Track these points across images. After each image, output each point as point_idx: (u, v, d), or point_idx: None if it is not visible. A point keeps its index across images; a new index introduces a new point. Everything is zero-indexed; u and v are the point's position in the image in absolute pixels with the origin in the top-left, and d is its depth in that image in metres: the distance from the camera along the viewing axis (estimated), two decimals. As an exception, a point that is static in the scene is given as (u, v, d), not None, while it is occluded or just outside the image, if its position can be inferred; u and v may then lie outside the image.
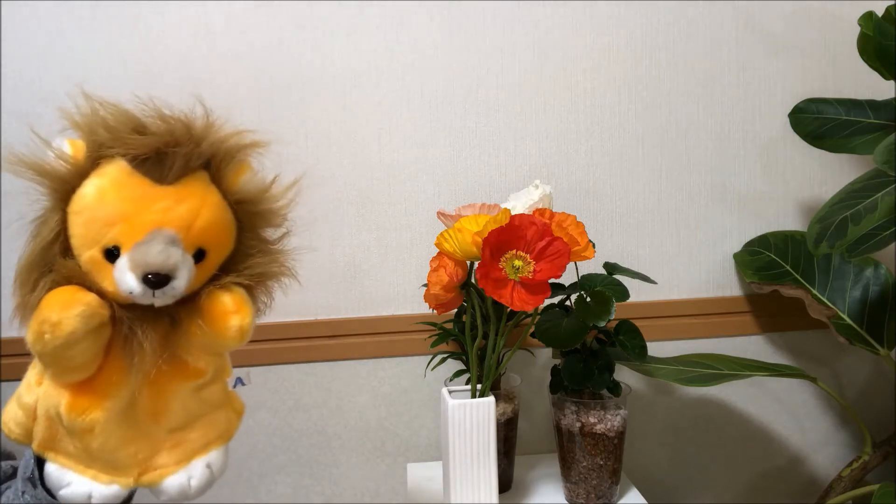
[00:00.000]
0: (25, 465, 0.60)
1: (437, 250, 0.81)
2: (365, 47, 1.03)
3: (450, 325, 0.96)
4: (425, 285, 0.82)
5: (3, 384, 1.01)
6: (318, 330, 1.06)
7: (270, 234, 0.59)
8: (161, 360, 0.54)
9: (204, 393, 0.59)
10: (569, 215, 0.78)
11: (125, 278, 0.50)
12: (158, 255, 0.49)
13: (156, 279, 0.49)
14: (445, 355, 0.97)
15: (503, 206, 0.84)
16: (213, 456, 0.59)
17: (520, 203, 0.86)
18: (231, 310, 0.53)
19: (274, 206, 0.58)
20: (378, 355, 1.07)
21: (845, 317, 1.02)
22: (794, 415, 1.16)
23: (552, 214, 0.79)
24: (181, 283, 0.51)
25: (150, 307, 0.52)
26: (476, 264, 0.78)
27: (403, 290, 1.07)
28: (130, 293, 0.50)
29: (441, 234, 0.79)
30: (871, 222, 0.79)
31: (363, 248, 1.06)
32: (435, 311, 0.84)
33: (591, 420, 0.89)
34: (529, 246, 0.74)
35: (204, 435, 0.59)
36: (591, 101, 1.07)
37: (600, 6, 1.06)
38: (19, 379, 1.05)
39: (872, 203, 0.80)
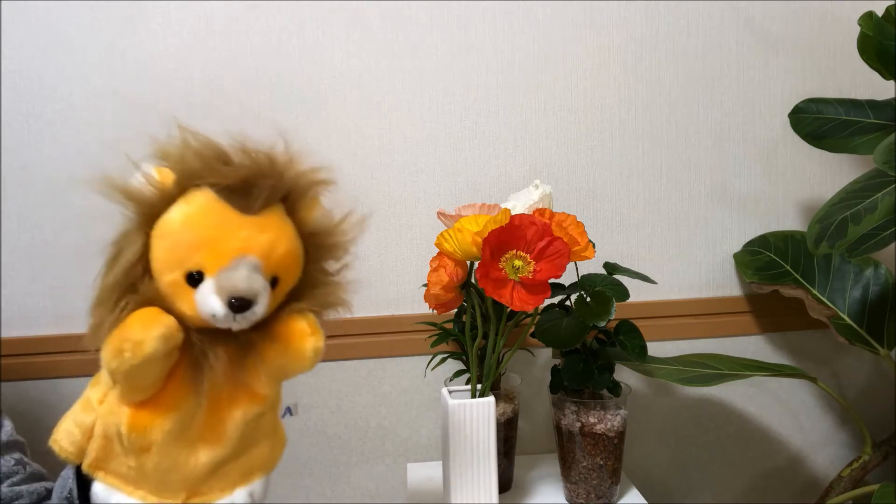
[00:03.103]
0: (62, 484, 0.61)
1: (437, 250, 0.81)
2: (365, 47, 1.03)
3: (450, 325, 0.96)
4: (425, 285, 0.82)
5: (3, 384, 1.01)
6: (318, 330, 1.06)
7: (331, 266, 0.62)
8: (227, 382, 0.55)
9: (260, 421, 0.60)
10: (569, 215, 0.78)
11: (209, 301, 0.51)
12: (244, 280, 0.51)
13: (239, 304, 0.51)
14: (445, 355, 0.97)
15: (503, 206, 0.84)
16: (256, 485, 0.61)
17: (520, 203, 0.86)
18: (308, 332, 0.56)
19: (341, 240, 0.61)
20: (378, 355, 1.07)
21: (845, 317, 1.02)
22: (794, 415, 1.16)
23: (552, 214, 0.79)
24: (261, 309, 0.53)
25: (221, 331, 0.54)
26: (476, 264, 0.78)
27: (403, 290, 1.07)
28: (213, 316, 0.52)
29: (441, 234, 0.79)
30: (872, 222, 0.79)
31: (363, 248, 1.06)
32: (435, 311, 0.84)
33: (591, 420, 0.89)
34: (529, 246, 0.74)
35: (250, 463, 0.60)
36: (591, 101, 1.07)
37: (600, 6, 1.06)
38: (19, 379, 1.05)
39: (872, 203, 0.80)
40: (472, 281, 0.83)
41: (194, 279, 0.52)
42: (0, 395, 0.98)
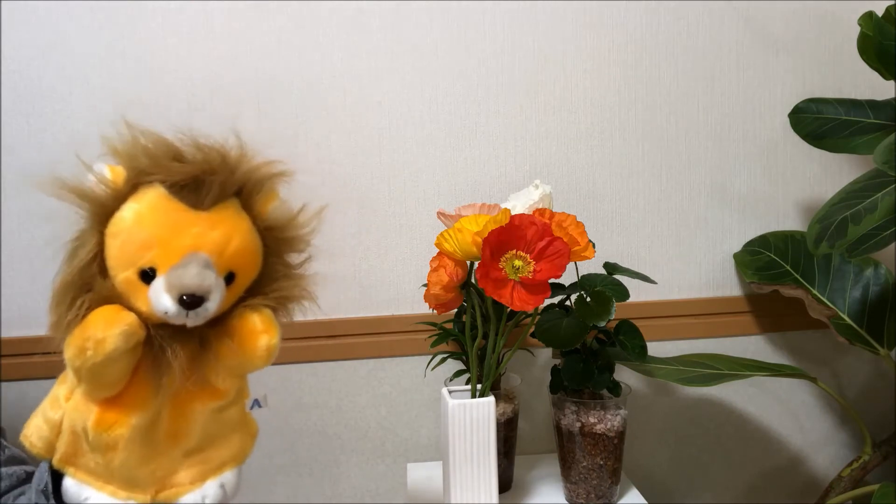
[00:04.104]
0: (39, 477, 0.62)
1: (437, 250, 0.81)
2: (365, 47, 1.03)
3: (450, 325, 0.96)
4: (425, 285, 0.82)
5: (3, 384, 1.01)
6: (318, 330, 1.06)
7: (293, 258, 0.62)
8: (187, 378, 0.56)
9: (224, 415, 0.60)
10: (569, 215, 0.78)
11: (161, 299, 0.52)
12: (194, 277, 0.52)
13: (191, 300, 0.52)
14: (445, 355, 0.97)
15: (503, 206, 0.84)
16: (227, 476, 0.61)
17: (520, 203, 0.86)
18: (260, 329, 0.56)
19: (299, 233, 0.61)
20: (378, 355, 1.07)
21: (845, 317, 1.02)
22: (794, 415, 1.16)
23: (552, 214, 0.79)
24: (213, 305, 0.53)
25: (180, 328, 0.54)
26: (476, 264, 0.78)
27: (403, 290, 1.07)
28: (165, 313, 0.52)
29: (441, 234, 0.79)
30: (872, 222, 0.79)
31: (363, 248, 1.06)
32: (435, 311, 0.84)
33: (591, 420, 0.89)
34: (529, 246, 0.74)
35: (219, 456, 0.61)
36: (591, 101, 1.07)
37: (600, 6, 1.06)
38: (19, 379, 1.05)
39: (872, 203, 0.80)
40: (472, 281, 0.83)
41: (148, 276, 0.53)
42: (0, 394, 0.99)
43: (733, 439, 1.16)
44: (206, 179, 0.54)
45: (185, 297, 0.51)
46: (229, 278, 0.55)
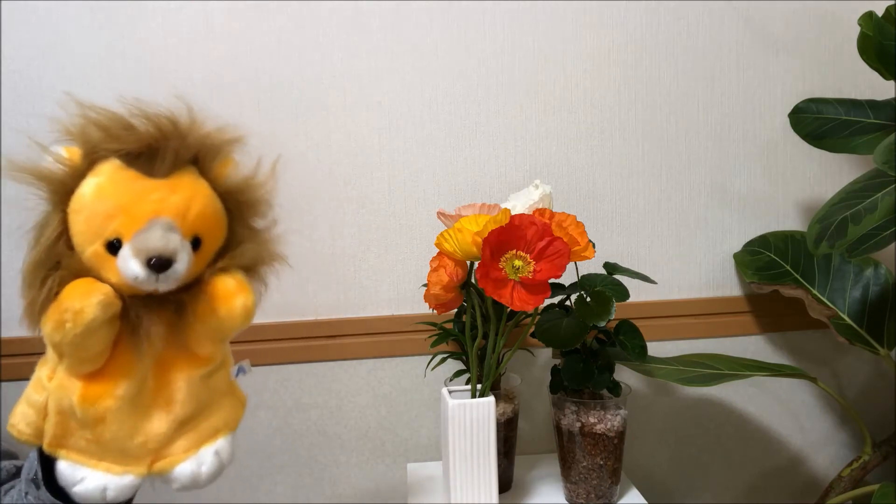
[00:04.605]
0: (29, 466, 0.62)
1: (437, 250, 0.81)
2: (365, 47, 1.03)
3: (450, 325, 0.96)
4: (425, 285, 0.82)
5: (3, 384, 1.01)
6: (318, 330, 1.06)
7: (259, 223, 0.62)
8: (168, 346, 0.56)
9: (211, 381, 0.61)
10: (569, 215, 0.78)
11: (129, 265, 0.52)
12: (159, 240, 0.52)
13: (158, 263, 0.52)
14: (445, 355, 0.97)
15: (503, 206, 0.84)
16: (221, 444, 0.61)
17: (520, 203, 0.86)
18: (234, 290, 0.56)
19: (259, 194, 0.61)
20: (378, 355, 1.07)
21: (845, 317, 1.02)
22: (794, 415, 1.16)
23: (552, 214, 0.79)
24: (182, 267, 0.53)
25: (155, 296, 0.55)
26: (476, 264, 0.78)
27: (403, 290, 1.08)
28: (135, 278, 0.52)
29: (441, 234, 0.79)
30: (872, 222, 0.79)
31: (363, 248, 1.06)
32: (435, 311, 0.84)
33: (591, 420, 0.89)
34: (529, 246, 0.74)
35: (212, 423, 0.61)
36: (591, 101, 1.07)
37: (600, 6, 1.06)
38: (19, 379, 1.05)
39: (872, 203, 0.80)
40: (472, 281, 0.83)
41: (114, 247, 0.53)
42: (0, 394, 0.99)
43: (733, 439, 1.16)
44: (160, 146, 0.55)
45: (152, 261, 0.52)
46: (196, 244, 0.56)
